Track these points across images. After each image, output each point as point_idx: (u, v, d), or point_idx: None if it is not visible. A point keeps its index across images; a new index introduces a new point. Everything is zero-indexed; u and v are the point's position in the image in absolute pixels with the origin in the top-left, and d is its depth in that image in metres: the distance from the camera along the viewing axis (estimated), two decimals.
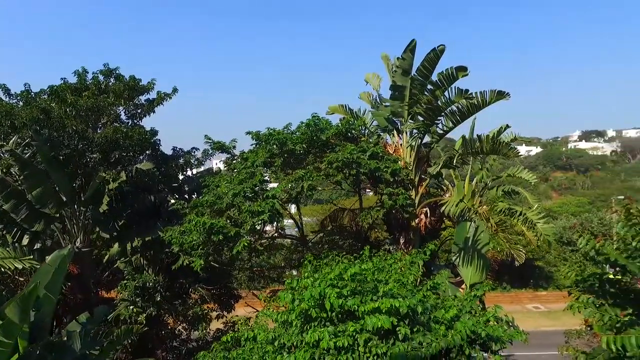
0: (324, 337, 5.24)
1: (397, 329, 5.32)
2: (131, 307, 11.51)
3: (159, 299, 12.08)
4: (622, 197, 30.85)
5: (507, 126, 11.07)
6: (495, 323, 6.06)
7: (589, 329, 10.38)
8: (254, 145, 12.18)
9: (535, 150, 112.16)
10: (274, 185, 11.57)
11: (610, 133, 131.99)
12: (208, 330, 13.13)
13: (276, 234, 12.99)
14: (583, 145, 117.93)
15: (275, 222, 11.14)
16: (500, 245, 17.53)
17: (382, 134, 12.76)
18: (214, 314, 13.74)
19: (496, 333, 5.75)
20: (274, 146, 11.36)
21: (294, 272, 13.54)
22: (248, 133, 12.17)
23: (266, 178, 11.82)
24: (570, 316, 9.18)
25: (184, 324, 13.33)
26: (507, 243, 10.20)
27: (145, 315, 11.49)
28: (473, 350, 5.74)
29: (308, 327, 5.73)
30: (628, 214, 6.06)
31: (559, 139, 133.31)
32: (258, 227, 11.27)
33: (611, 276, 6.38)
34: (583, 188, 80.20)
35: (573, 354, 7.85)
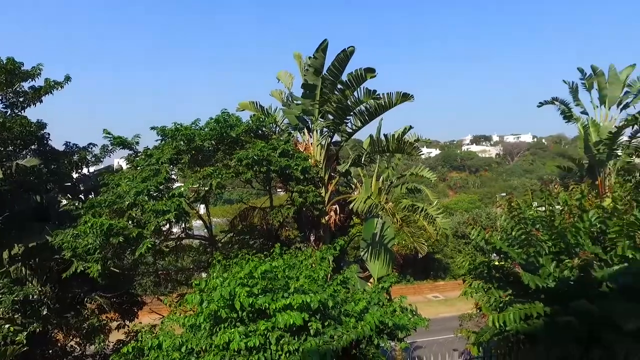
0: (234, 338, 5.09)
1: (308, 324, 5.35)
2: (7, 325, 9.90)
3: (45, 312, 10.71)
4: (504, 194, 34.85)
5: (410, 127, 11.81)
6: (401, 313, 6.40)
7: (478, 311, 11.45)
8: (159, 141, 11.48)
9: (435, 152, 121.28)
10: (181, 183, 11.04)
11: (495, 138, 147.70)
12: (107, 342, 11.99)
13: (183, 235, 12.38)
14: (474, 148, 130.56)
15: (182, 222, 10.62)
16: (405, 240, 18.65)
17: (293, 132, 12.82)
18: (114, 324, 12.60)
19: (402, 321, 6.07)
20: (181, 142, 10.82)
21: (204, 275, 13.01)
22: (153, 128, 11.43)
23: (172, 176, 11.23)
24: (464, 302, 10.13)
25: (78, 339, 12.00)
26: (411, 237, 10.88)
27: (26, 333, 9.99)
28: (381, 340, 6.00)
29: (217, 329, 5.53)
30: (510, 208, 6.78)
31: (455, 142, 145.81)
32: (163, 228, 10.66)
33: (496, 263, 7.11)
34: (474, 187, 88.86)
35: (465, 335, 8.67)
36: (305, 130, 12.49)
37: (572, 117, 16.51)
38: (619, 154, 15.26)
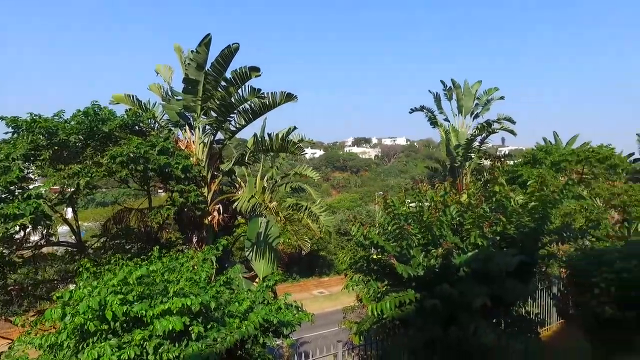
0: (104, 353, 4.58)
1: (190, 328, 5.07)
2: None
3: None
4: (382, 192, 37.69)
5: (294, 127, 12.06)
6: (286, 310, 6.44)
7: (359, 302, 12.14)
8: (10, 134, 9.90)
9: (319, 152, 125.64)
10: (40, 183, 9.66)
11: (374, 140, 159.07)
12: None
13: (44, 242, 10.85)
14: (355, 149, 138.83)
15: (42, 228, 9.31)
16: (290, 238, 18.92)
17: (173, 128, 12.11)
18: None
19: (286, 318, 6.11)
20: (40, 136, 9.46)
21: (71, 286, 11.54)
22: (1, 119, 9.79)
23: (30, 175, 9.79)
24: (347, 296, 10.64)
25: None
26: (295, 235, 11.08)
27: None
28: (267, 338, 5.96)
29: (85, 345, 4.92)
30: (385, 205, 7.31)
31: (337, 143, 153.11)
32: (17, 235, 9.22)
33: (374, 256, 7.60)
34: (355, 186, 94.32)
35: (348, 326, 9.15)
36: (187, 127, 11.91)
37: (437, 124, 18.94)
38: (473, 157, 17.91)
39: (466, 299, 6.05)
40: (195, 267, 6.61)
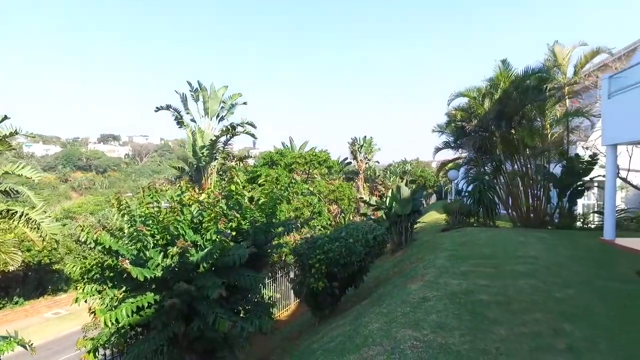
0: None
1: None
2: None
3: None
4: (130, 193, 34.96)
5: (5, 117, 9.87)
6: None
7: (93, 315, 11.01)
8: None
9: (54, 149, 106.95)
10: None
11: (124, 138, 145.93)
12: None
13: None
14: (101, 147, 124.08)
15: None
16: None
17: None
18: None
19: None
20: None
21: None
22: None
23: None
24: None
25: None
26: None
27: None
28: None
29: None
30: (119, 207, 6.93)
31: (80, 139, 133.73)
32: None
33: (110, 262, 7.08)
34: (102, 187, 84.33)
35: (81, 345, 8.14)
36: None
37: (184, 124, 18.92)
38: (218, 157, 18.73)
39: (204, 292, 6.39)
40: None
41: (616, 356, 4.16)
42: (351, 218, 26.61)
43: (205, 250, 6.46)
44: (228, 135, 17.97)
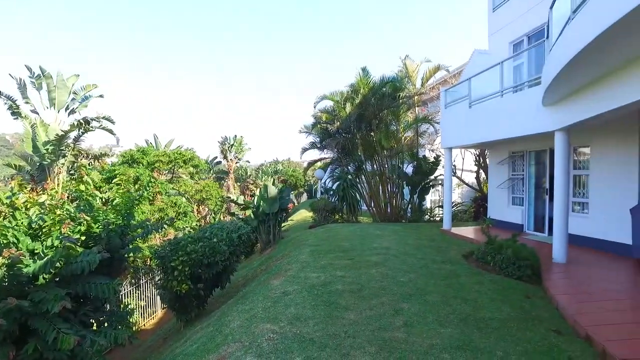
0: None
1: None
2: None
3: None
4: None
5: None
6: None
7: None
8: None
9: None
10: None
11: None
12: None
13: None
14: None
15: None
16: None
17: None
18: None
19: None
20: None
21: None
22: None
23: None
24: None
25: None
26: None
27: None
28: None
29: None
30: None
31: None
32: None
33: None
34: None
35: None
36: None
37: (21, 115, 16.04)
38: (67, 154, 16.48)
39: (44, 307, 5.66)
40: None
41: (438, 324, 4.91)
42: (222, 218, 26.14)
43: (45, 259, 5.73)
44: (80, 130, 15.83)
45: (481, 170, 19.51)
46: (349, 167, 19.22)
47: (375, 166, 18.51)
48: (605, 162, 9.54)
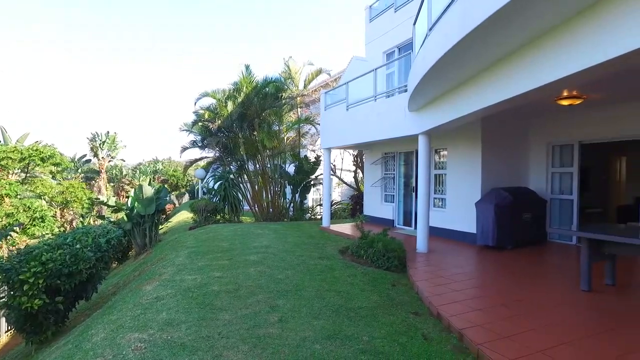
0: None
1: None
2: None
3: None
4: None
5: None
6: None
7: None
8: None
9: None
10: None
11: None
12: None
13: None
14: None
15: None
16: None
17: None
18: None
19: None
20: None
21: None
22: None
23: None
24: None
25: None
26: None
27: None
28: None
29: None
30: None
31: None
32: None
33: None
34: None
35: None
36: None
37: None
38: None
39: None
40: None
41: (311, 317, 5.10)
42: (91, 222, 23.63)
43: None
44: None
45: (359, 170, 20.78)
46: (231, 167, 18.91)
47: (257, 166, 18.50)
48: (458, 162, 10.91)
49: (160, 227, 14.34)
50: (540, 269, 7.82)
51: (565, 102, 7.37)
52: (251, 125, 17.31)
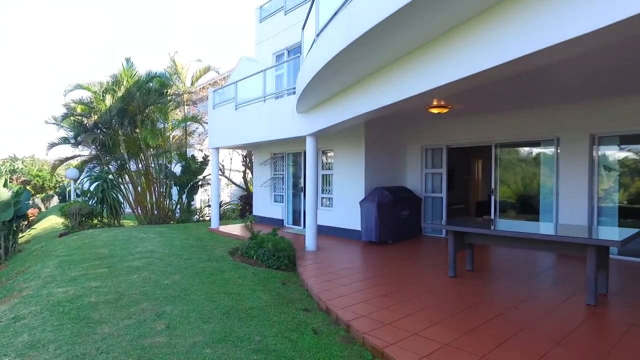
0: None
1: None
2: None
3: None
4: None
5: None
6: None
7: None
8: None
9: None
10: None
11: None
12: None
13: None
14: None
15: None
16: None
17: None
18: None
19: None
20: None
21: None
22: None
23: None
24: None
25: None
26: None
27: None
28: None
29: None
30: None
31: None
32: None
33: None
34: None
35: None
36: None
37: None
38: None
39: None
40: None
41: (201, 321, 4.96)
42: None
43: None
44: None
45: (248, 170, 20.61)
46: (111, 166, 17.31)
47: (141, 165, 17.23)
48: (344, 163, 11.52)
49: (20, 235, 12.49)
50: (416, 260, 8.66)
51: (435, 110, 8.30)
52: (133, 121, 16.04)
